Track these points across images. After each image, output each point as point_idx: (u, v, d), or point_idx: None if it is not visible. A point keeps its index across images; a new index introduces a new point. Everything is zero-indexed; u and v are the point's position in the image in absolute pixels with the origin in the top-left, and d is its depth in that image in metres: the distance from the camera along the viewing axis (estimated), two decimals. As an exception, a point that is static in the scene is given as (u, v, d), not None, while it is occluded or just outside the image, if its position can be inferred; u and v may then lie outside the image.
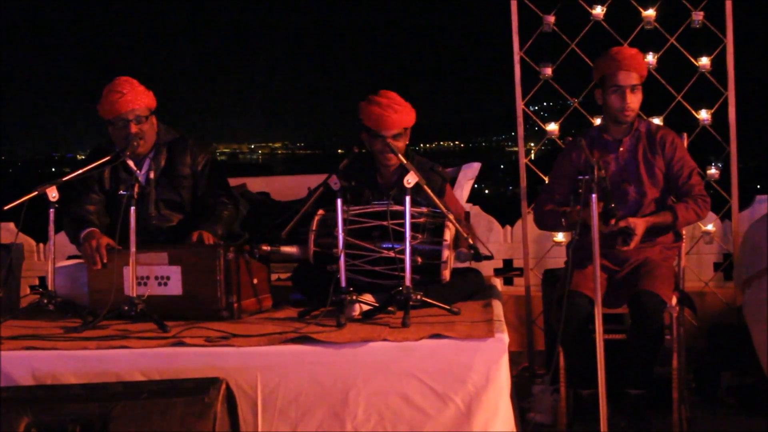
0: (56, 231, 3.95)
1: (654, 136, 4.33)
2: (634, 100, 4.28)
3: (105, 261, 3.97)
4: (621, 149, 4.31)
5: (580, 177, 3.46)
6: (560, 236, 5.42)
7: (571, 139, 4.57)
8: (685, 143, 4.57)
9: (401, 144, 4.21)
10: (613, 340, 4.15)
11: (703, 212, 4.31)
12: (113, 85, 4.23)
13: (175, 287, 3.84)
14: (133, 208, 3.73)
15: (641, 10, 5.34)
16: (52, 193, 3.86)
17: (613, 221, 3.99)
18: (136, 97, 4.20)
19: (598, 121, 4.80)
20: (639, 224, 4.13)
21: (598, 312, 3.42)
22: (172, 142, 4.41)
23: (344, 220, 3.78)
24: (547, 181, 4.69)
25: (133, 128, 4.21)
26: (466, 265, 4.19)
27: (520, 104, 5.38)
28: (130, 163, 4.29)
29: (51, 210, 3.89)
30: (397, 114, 4.18)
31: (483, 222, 6.02)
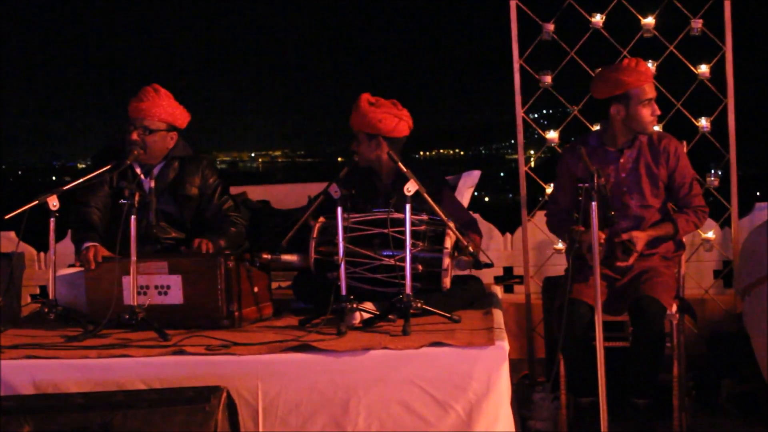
0: (57, 240, 3.95)
1: (657, 146, 4.30)
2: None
3: (98, 260, 3.98)
4: (621, 160, 4.30)
5: (580, 185, 3.46)
6: (560, 244, 5.42)
7: (568, 145, 4.57)
8: (685, 151, 4.57)
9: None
10: (613, 347, 4.16)
11: (701, 223, 4.37)
12: (141, 90, 4.31)
13: (175, 296, 3.83)
14: (133, 217, 3.73)
15: (640, 18, 5.35)
16: (53, 202, 3.86)
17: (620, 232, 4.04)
18: (150, 108, 4.25)
19: (596, 129, 4.77)
20: (641, 238, 4.13)
21: (599, 320, 3.42)
22: (186, 158, 4.42)
23: (345, 228, 3.79)
24: (551, 189, 4.71)
25: (133, 135, 4.24)
26: (466, 272, 4.20)
27: (519, 112, 5.38)
28: (138, 170, 4.32)
29: (51, 219, 3.89)
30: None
31: (483, 230, 6.02)
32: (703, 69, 5.34)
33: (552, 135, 5.47)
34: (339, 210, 3.77)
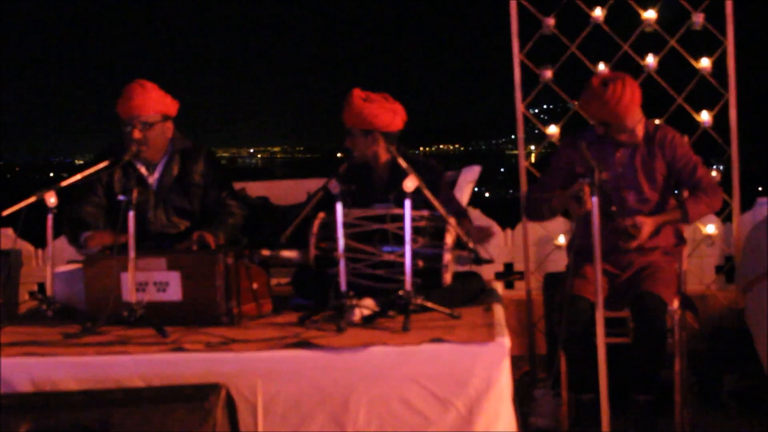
0: (55, 236, 3.94)
1: (652, 139, 4.29)
2: (640, 126, 4.24)
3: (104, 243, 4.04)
4: (618, 155, 4.27)
5: (581, 179, 3.44)
6: (561, 239, 5.41)
7: (568, 137, 4.55)
8: (684, 139, 4.55)
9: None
10: (614, 344, 4.14)
11: (715, 201, 4.26)
12: (127, 88, 4.30)
13: (174, 293, 3.82)
14: (132, 213, 3.72)
15: (641, 12, 5.33)
16: (51, 199, 3.86)
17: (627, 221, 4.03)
18: (144, 103, 4.24)
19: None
20: (646, 223, 4.10)
21: (600, 316, 3.41)
22: (186, 150, 4.43)
23: (345, 224, 3.78)
24: (540, 176, 4.67)
25: (136, 134, 4.24)
26: (466, 268, 4.18)
27: (520, 107, 5.37)
28: (140, 167, 4.32)
29: (49, 215, 3.88)
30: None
31: (483, 225, 6.00)
32: (705, 63, 5.32)
33: (552, 130, 5.46)
34: (338, 206, 3.75)
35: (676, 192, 4.46)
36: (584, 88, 4.24)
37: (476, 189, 5.30)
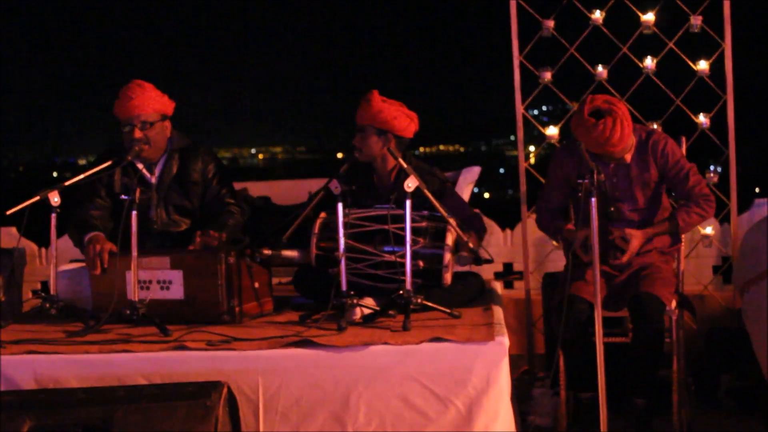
0: (58, 235, 3.96)
1: (645, 147, 4.24)
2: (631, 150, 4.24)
3: (105, 266, 3.98)
4: (612, 166, 4.23)
5: (579, 181, 3.45)
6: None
7: (562, 144, 4.54)
8: (684, 147, 4.56)
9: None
10: (613, 343, 4.16)
11: (707, 211, 4.25)
12: (125, 88, 4.29)
13: (176, 291, 3.85)
14: (134, 213, 3.74)
15: (640, 14, 5.35)
16: (54, 198, 3.87)
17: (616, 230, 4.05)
18: (143, 103, 4.25)
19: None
20: (636, 236, 4.12)
21: (598, 315, 3.43)
22: (184, 148, 4.44)
23: (345, 224, 3.80)
24: (543, 187, 4.68)
25: (137, 133, 4.25)
26: (466, 268, 4.20)
27: (519, 108, 5.39)
28: (141, 167, 4.34)
29: (53, 214, 3.90)
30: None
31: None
32: (703, 65, 5.34)
33: (552, 131, 5.48)
34: (339, 206, 3.77)
35: (673, 194, 4.47)
36: (576, 111, 4.20)
37: (476, 190, 5.33)
